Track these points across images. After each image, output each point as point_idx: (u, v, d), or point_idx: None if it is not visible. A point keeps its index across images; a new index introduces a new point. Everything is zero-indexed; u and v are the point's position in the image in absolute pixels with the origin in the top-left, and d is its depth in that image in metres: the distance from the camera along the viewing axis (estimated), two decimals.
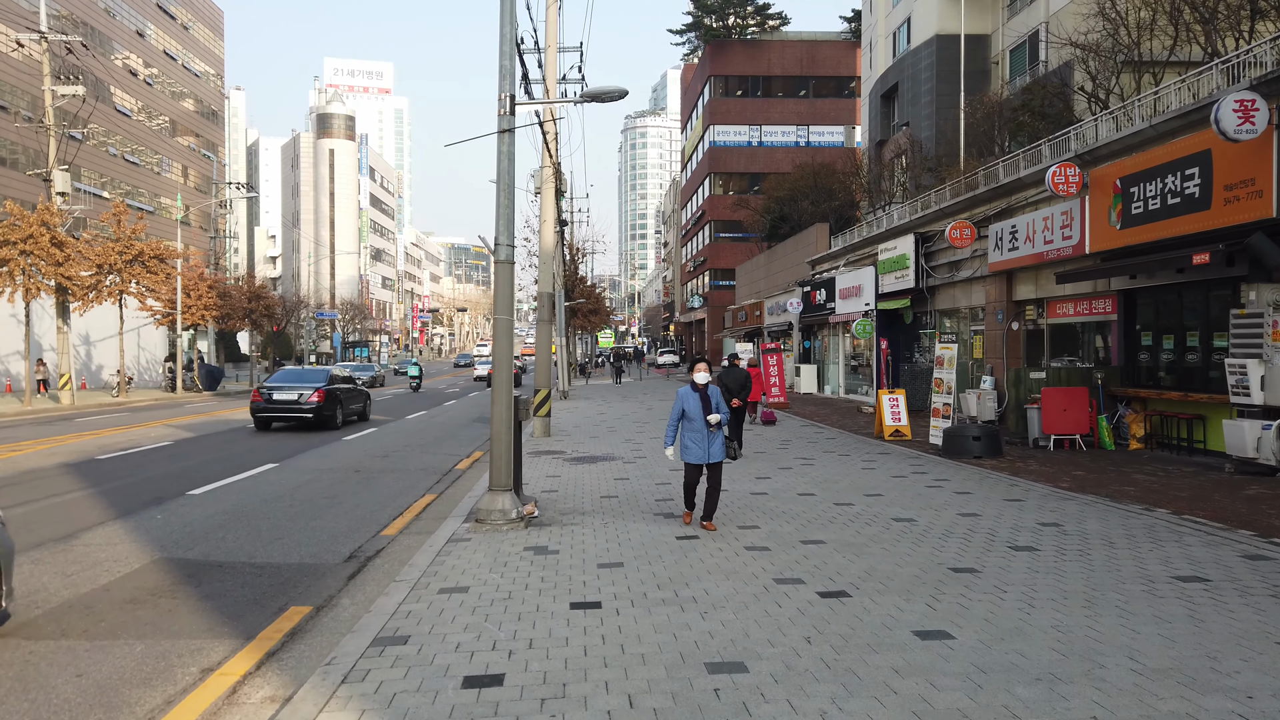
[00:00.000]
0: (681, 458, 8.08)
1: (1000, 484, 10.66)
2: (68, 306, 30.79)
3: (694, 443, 7.95)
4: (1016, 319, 18.71)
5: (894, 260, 24.02)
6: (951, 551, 7.10)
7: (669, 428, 8.10)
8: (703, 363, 8.23)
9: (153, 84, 68.09)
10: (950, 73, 34.01)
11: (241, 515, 9.90)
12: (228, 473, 13.19)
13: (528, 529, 8.32)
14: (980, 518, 8.52)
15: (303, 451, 16.04)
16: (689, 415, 7.95)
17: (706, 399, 7.94)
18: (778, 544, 7.45)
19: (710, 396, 7.95)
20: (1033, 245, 16.86)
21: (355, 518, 9.89)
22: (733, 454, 8.17)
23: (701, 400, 7.93)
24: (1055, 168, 15.00)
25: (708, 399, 7.95)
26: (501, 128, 8.49)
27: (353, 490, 11.74)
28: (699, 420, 7.89)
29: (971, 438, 13.27)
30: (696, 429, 7.92)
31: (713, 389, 8.00)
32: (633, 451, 14.85)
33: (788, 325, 36.78)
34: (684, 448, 8.01)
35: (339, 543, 8.62)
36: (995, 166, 20.01)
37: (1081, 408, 14.37)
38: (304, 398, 20.07)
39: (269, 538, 8.79)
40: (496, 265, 8.60)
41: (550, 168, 18.35)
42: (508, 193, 8.52)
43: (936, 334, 16.22)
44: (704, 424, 7.86)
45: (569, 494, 10.48)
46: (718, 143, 63.24)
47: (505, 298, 8.59)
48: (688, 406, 7.95)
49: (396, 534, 9.05)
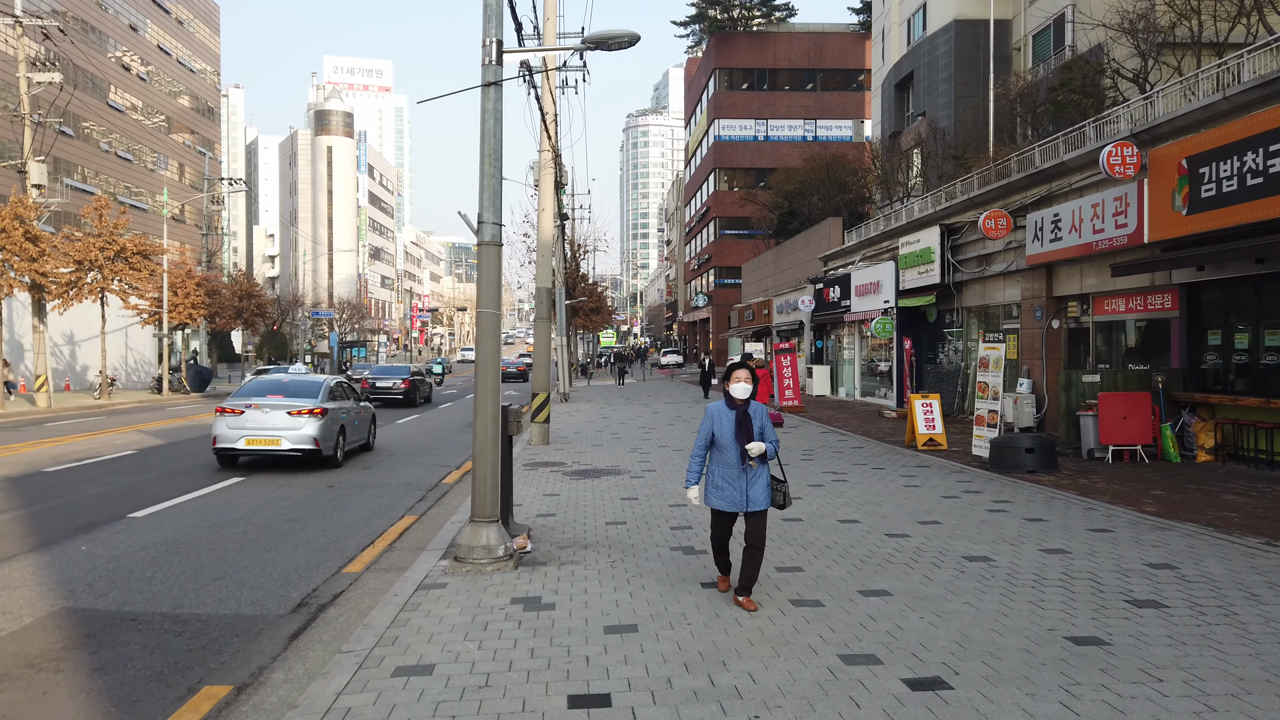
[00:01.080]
0: (706, 502, 5.79)
1: (1074, 508, 9.12)
2: (44, 305, 29.29)
3: (726, 481, 5.65)
4: (1057, 316, 17.17)
5: (917, 254, 22.49)
6: (1056, 608, 5.58)
7: (693, 458, 5.85)
8: (743, 370, 5.78)
9: (146, 79, 66.62)
10: (970, 60, 32.46)
11: (182, 546, 8.38)
12: (185, 488, 11.68)
13: (517, 570, 6.80)
14: (1070, 555, 6.98)
15: (275, 463, 14.52)
16: (720, 443, 5.69)
17: (747, 421, 5.63)
18: (832, 596, 5.92)
19: (752, 418, 5.66)
20: (1079, 235, 15.31)
21: (317, 548, 8.38)
22: (781, 499, 5.80)
23: (739, 423, 5.63)
24: (1110, 148, 13.46)
25: (748, 421, 5.63)
26: (486, 80, 6.97)
27: (321, 511, 10.23)
28: (734, 451, 5.62)
29: (1024, 449, 11.74)
30: (730, 463, 5.64)
31: (756, 407, 5.71)
32: (640, 463, 13.32)
33: (798, 324, 35.23)
34: (713, 488, 5.73)
35: (290, 584, 7.11)
36: (1031, 152, 18.47)
37: (1144, 415, 12.83)
38: (396, 385, 28.78)
39: (207, 577, 7.27)
40: (480, 248, 7.07)
41: (549, 151, 16.82)
42: (493, 160, 6.99)
43: (980, 334, 14.67)
44: (740, 456, 5.62)
45: (568, 519, 8.96)
46: (723, 137, 61.68)
47: (491, 286, 7.06)
48: (719, 430, 5.69)
49: (361, 571, 7.54)
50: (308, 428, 13.24)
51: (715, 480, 5.74)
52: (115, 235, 31.47)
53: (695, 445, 5.89)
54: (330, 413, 13.84)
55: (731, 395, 5.77)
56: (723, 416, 5.75)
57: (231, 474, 13.03)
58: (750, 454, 5.57)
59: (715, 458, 5.78)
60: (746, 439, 5.60)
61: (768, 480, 5.74)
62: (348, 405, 14.96)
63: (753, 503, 5.65)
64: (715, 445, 5.76)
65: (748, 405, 5.71)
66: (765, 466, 5.73)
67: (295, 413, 13.30)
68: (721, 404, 5.85)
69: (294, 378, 15.07)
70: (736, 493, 5.64)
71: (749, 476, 5.63)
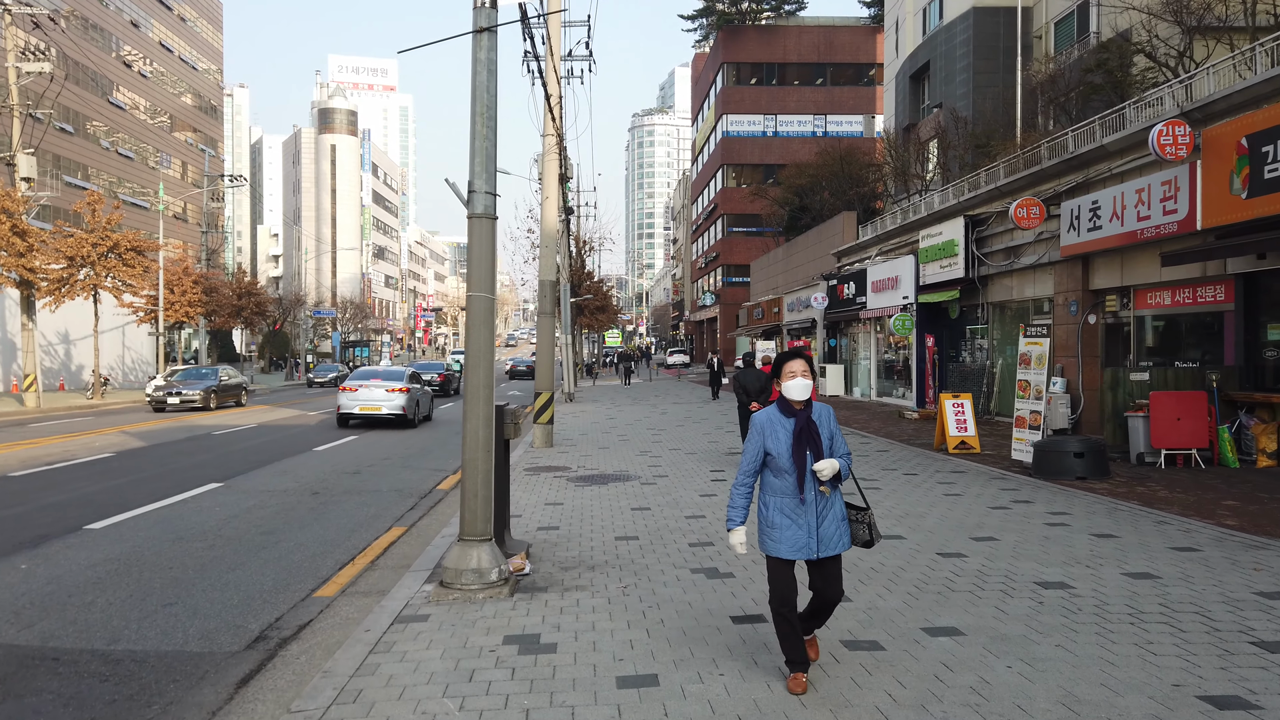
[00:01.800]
0: (762, 548, 4.20)
1: (1143, 521, 8.08)
2: (33, 302, 28.40)
3: (788, 516, 4.09)
4: (1094, 311, 16.11)
5: (939, 247, 21.44)
6: (1171, 654, 4.55)
7: (736, 488, 4.25)
8: (799, 361, 4.24)
9: (148, 77, 65.86)
10: (989, 48, 31.38)
11: (136, 563, 7.41)
12: (156, 496, 10.72)
13: (513, 597, 5.80)
14: (1161, 581, 5.96)
15: (262, 466, 13.57)
16: (776, 464, 4.13)
17: (810, 431, 4.11)
18: (892, 636, 4.91)
19: (820, 425, 4.16)
20: (1121, 223, 14.26)
21: (289, 566, 7.40)
22: (867, 533, 4.30)
23: (799, 434, 4.09)
24: (1161, 127, 12.39)
25: (812, 431, 4.11)
26: (479, 25, 5.97)
27: (300, 522, 9.25)
28: (794, 475, 4.08)
29: (1072, 454, 10.70)
30: (788, 491, 4.09)
31: (821, 411, 4.23)
32: (650, 468, 12.32)
33: (810, 322, 34.19)
34: (767, 527, 4.15)
35: (251, 611, 6.13)
36: (1063, 137, 17.42)
37: (1199, 416, 11.78)
38: (434, 378, 32.15)
39: (156, 603, 6.30)
40: (471, 221, 6.08)
41: (553, 135, 15.84)
42: (486, 118, 6.00)
43: (1021, 328, 13.64)
44: (801, 482, 4.07)
45: (573, 533, 7.96)
46: (731, 133, 60.64)
47: (483, 266, 6.05)
48: (773, 447, 4.12)
49: (335, 595, 6.55)
50: (398, 400, 19.65)
51: (770, 517, 4.13)
52: (108, 231, 30.61)
53: (741, 469, 4.23)
54: (411, 391, 20.14)
55: (787, 397, 4.19)
56: (777, 428, 4.14)
57: (211, 479, 12.07)
58: (820, 477, 4.04)
59: (767, 486, 4.19)
60: (813, 456, 4.08)
61: (843, 511, 4.18)
62: (417, 388, 21.02)
63: (826, 544, 4.07)
64: (767, 468, 4.18)
65: (809, 409, 4.18)
66: (838, 492, 4.17)
67: (390, 390, 19.76)
68: (772, 411, 4.22)
69: (386, 368, 23.00)
70: (802, 532, 4.05)
71: (818, 508, 4.07)
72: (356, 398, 19.63)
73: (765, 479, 4.22)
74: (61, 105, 51.95)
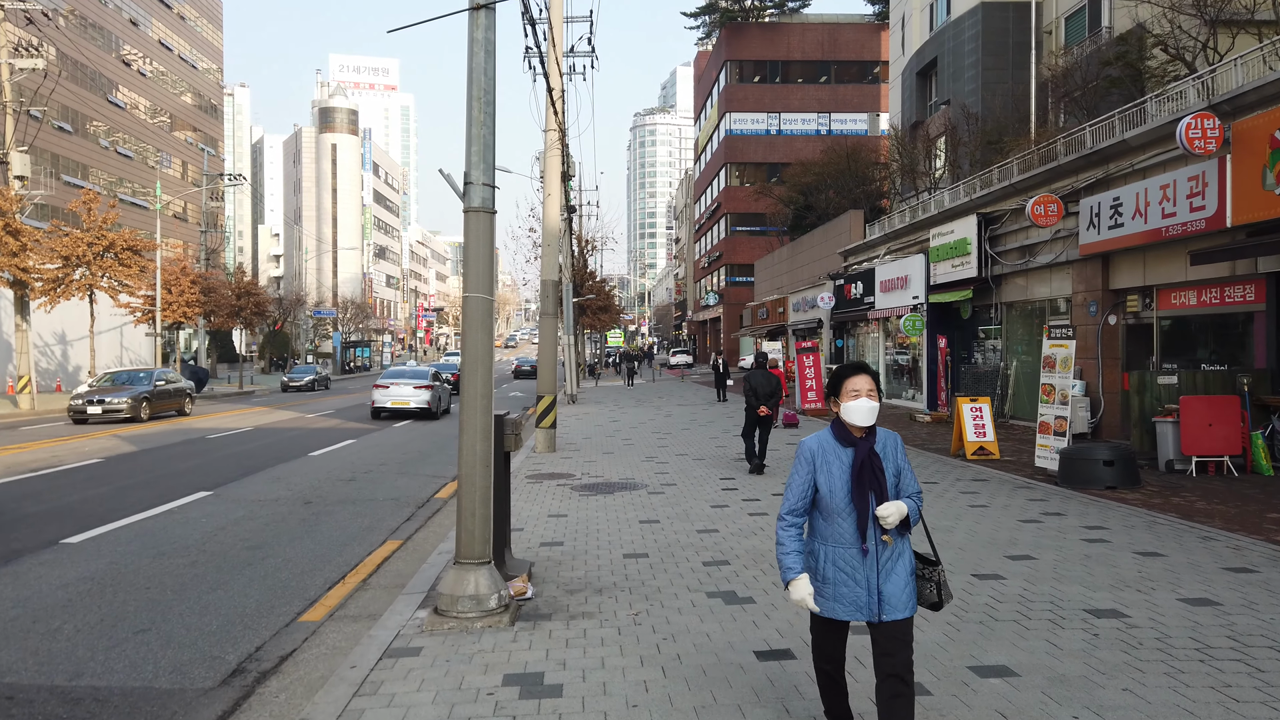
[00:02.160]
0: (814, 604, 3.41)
1: (1187, 536, 7.57)
2: (27, 302, 27.95)
3: (841, 569, 3.32)
4: (1114, 311, 15.60)
5: (950, 246, 20.93)
6: (1253, 699, 4.05)
7: (785, 529, 3.39)
8: (862, 377, 3.38)
9: (147, 75, 65.42)
10: (998, 44, 30.87)
11: (112, 583, 6.93)
12: (140, 506, 10.24)
13: (514, 626, 5.31)
14: (1223, 609, 5.45)
15: (254, 472, 13.09)
16: (829, 506, 3.33)
17: (873, 465, 3.30)
18: (936, 676, 4.40)
19: (884, 458, 3.34)
20: (1144, 220, 13.75)
21: (275, 585, 6.92)
22: (935, 592, 3.45)
23: (860, 470, 3.30)
24: (1189, 120, 11.89)
25: (875, 465, 3.30)
26: (475, 1, 5.47)
27: (290, 535, 8.76)
28: (851, 519, 3.30)
29: (1101, 462, 10.19)
30: (845, 539, 3.31)
31: (886, 439, 3.41)
32: (658, 475, 11.83)
33: (816, 323, 33.69)
34: (818, 581, 3.38)
35: (230, 638, 5.64)
36: (1081, 132, 16.90)
37: (1232, 422, 11.27)
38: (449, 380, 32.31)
39: (128, 629, 5.81)
40: (467, 215, 5.58)
41: (555, 131, 15.34)
42: (484, 103, 5.50)
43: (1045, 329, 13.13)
44: (863, 529, 3.29)
45: (579, 549, 7.46)
46: (734, 131, 60.12)
47: (481, 262, 5.55)
48: (826, 484, 3.34)
49: (322, 620, 6.06)
50: (424, 395, 23.12)
51: (821, 570, 3.34)
52: (104, 230, 30.15)
53: (785, 506, 3.39)
54: (434, 388, 23.66)
55: (847, 422, 3.32)
56: (831, 460, 3.32)
57: (201, 488, 11.59)
58: (884, 523, 3.23)
59: (817, 531, 3.41)
60: (877, 497, 3.26)
61: (911, 564, 3.35)
62: (438, 385, 24.56)
63: (889, 605, 3.25)
64: (820, 508, 3.36)
65: (872, 437, 3.34)
66: (906, 540, 3.36)
67: (417, 387, 23.29)
68: (825, 438, 3.38)
69: (413, 368, 27.10)
70: (860, 588, 3.26)
71: (880, 560, 3.28)
72: (389, 394, 23.19)
73: (814, 522, 3.41)
74: (60, 104, 51.56)
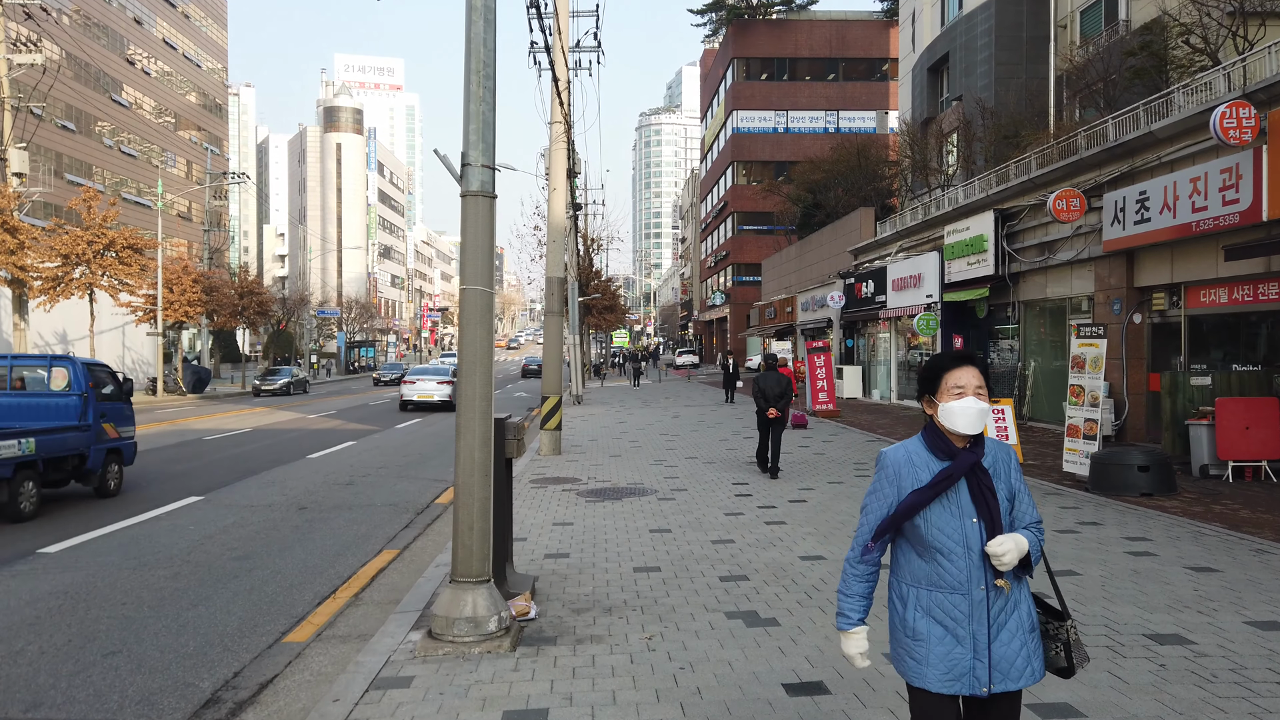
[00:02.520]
0: (897, 667, 2.59)
1: (1238, 549, 7.06)
2: (25, 301, 27.57)
3: (940, 621, 2.48)
4: (1140, 310, 15.07)
5: (966, 243, 20.40)
6: None
7: (853, 568, 2.62)
8: (968, 368, 2.53)
9: (151, 74, 65.13)
10: (1012, 38, 30.30)
11: (85, 597, 6.47)
12: (127, 511, 9.81)
13: (515, 651, 4.82)
14: None
15: (249, 476, 12.64)
16: (921, 537, 2.52)
17: (982, 484, 2.49)
18: None
19: (996, 477, 2.54)
20: (1173, 215, 13.22)
21: (260, 600, 6.45)
22: (1062, 654, 2.57)
23: (975, 498, 2.49)
24: (1224, 109, 11.35)
25: (984, 484, 2.49)
26: None
27: (282, 543, 8.30)
28: (964, 559, 2.47)
29: (1136, 467, 9.67)
30: (945, 581, 2.48)
31: (999, 454, 2.59)
32: (667, 479, 11.34)
33: (825, 322, 33.15)
34: (910, 639, 2.52)
35: (207, 662, 5.18)
36: (1103, 125, 16.37)
37: (1271, 424, 10.74)
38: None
39: (97, 652, 5.35)
40: (465, 200, 5.10)
41: (560, 124, 14.87)
42: (483, 78, 5.02)
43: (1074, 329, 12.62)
44: (976, 574, 2.47)
45: (586, 562, 6.98)
46: (741, 129, 59.57)
47: (479, 251, 5.07)
48: (928, 526, 2.50)
49: (309, 640, 5.59)
50: (445, 389, 25.93)
51: (910, 621, 2.53)
52: (104, 228, 29.79)
53: (858, 536, 2.62)
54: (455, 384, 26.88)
55: (949, 429, 2.53)
56: (924, 477, 2.52)
57: (191, 492, 11.14)
58: (999, 562, 2.43)
59: (904, 569, 2.58)
60: (987, 528, 2.47)
61: (1032, 618, 2.53)
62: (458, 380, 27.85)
63: (1003, 672, 2.45)
64: (903, 538, 2.58)
65: (979, 449, 2.53)
66: (1024, 585, 2.54)
67: (440, 382, 26.29)
68: (915, 448, 2.58)
69: (435, 366, 30.55)
70: (964, 650, 2.45)
71: (991, 611, 2.46)
72: (415, 389, 26.18)
73: (901, 557, 2.58)
74: (64, 103, 51.31)
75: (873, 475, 2.62)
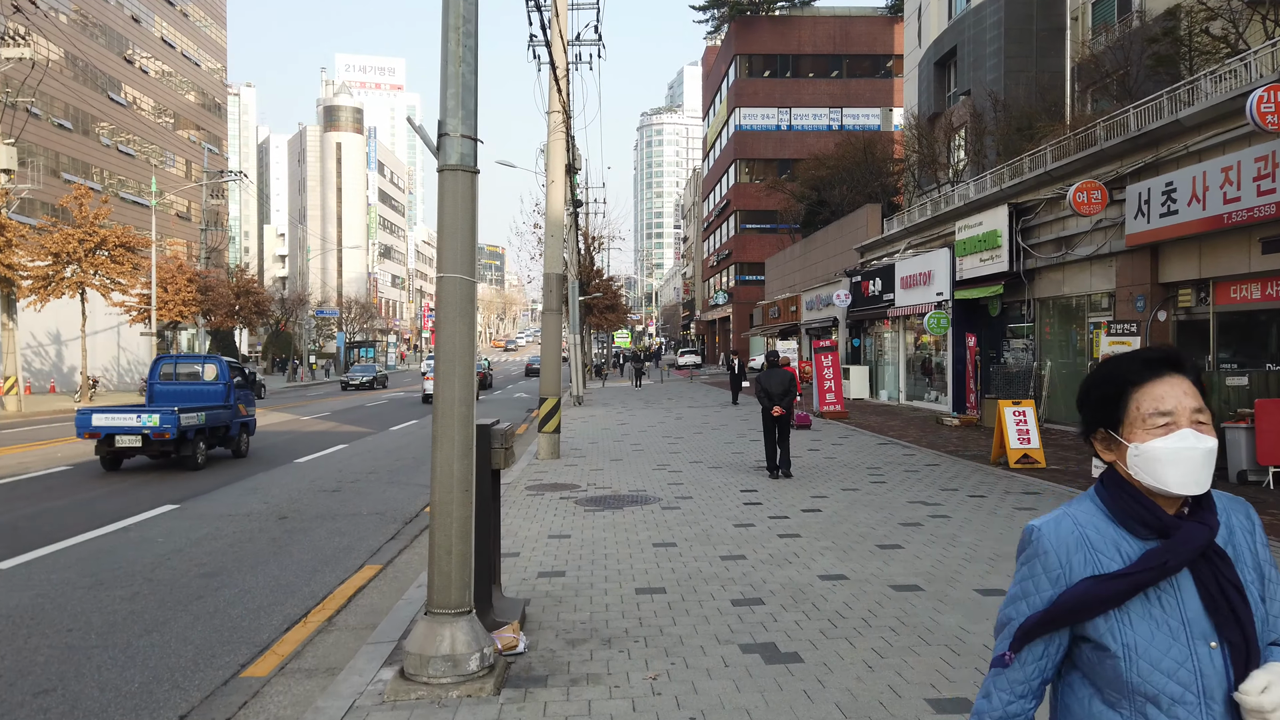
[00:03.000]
0: None
1: None
2: (13, 300, 26.99)
3: None
4: (1164, 307, 14.41)
5: (979, 239, 19.75)
6: None
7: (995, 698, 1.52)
8: (1180, 379, 1.49)
9: (149, 73, 64.57)
10: (1021, 31, 29.64)
11: (28, 622, 5.84)
12: (94, 522, 9.17)
13: (499, 695, 4.18)
14: None
15: (230, 483, 12.02)
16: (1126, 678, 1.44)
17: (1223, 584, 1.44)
18: None
19: (1238, 560, 1.48)
20: (1203, 207, 12.56)
21: (222, 625, 5.82)
22: None
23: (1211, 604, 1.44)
24: (1261, 93, 10.68)
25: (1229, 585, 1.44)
26: None
27: (255, 558, 7.67)
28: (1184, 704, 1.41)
29: None
30: None
31: (1238, 519, 1.53)
32: (671, 486, 10.69)
33: (831, 321, 32.50)
34: None
35: (151, 702, 4.55)
36: (1124, 115, 15.71)
37: None
38: None
39: (29, 688, 4.72)
40: (441, 176, 4.46)
41: (559, 113, 14.23)
42: (462, 36, 4.38)
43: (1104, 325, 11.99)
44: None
45: (583, 581, 6.34)
46: (744, 127, 58.93)
47: (459, 234, 4.42)
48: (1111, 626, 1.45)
49: (269, 675, 4.95)
50: None
51: None
52: (96, 226, 29.22)
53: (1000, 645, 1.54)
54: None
55: (1151, 484, 1.47)
56: (1106, 565, 1.47)
57: (169, 500, 10.51)
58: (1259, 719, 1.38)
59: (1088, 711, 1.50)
60: (1232, 653, 1.43)
61: None
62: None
63: None
64: (1079, 668, 1.53)
65: (1210, 515, 1.48)
66: None
67: None
68: (1088, 517, 1.53)
69: None
70: None
71: None
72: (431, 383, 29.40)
73: (1072, 697, 1.55)
74: (62, 102, 50.74)
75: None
